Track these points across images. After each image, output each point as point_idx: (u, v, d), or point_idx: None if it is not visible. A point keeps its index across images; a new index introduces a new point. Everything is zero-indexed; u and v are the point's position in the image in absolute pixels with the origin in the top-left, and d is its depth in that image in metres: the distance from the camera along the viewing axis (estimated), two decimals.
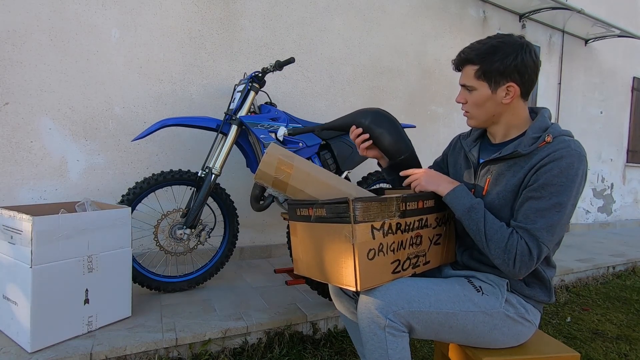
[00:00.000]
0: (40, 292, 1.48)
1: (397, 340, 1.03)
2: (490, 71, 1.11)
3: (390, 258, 1.07)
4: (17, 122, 2.24)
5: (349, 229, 1.00)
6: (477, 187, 1.21)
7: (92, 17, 2.39)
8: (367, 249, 1.02)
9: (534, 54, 1.12)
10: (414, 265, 1.14)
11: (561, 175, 1.02)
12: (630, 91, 5.88)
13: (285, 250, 3.09)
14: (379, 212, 1.04)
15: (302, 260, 1.21)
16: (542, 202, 1.03)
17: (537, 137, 1.10)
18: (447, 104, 4.03)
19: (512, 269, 1.05)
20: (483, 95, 1.14)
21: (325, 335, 1.98)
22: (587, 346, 2.09)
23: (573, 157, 1.03)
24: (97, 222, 1.66)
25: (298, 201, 1.19)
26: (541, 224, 1.03)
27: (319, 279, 1.16)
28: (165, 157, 2.64)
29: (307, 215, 1.15)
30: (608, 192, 5.74)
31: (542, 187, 1.04)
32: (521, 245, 1.03)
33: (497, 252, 1.05)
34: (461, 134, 1.39)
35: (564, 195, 1.03)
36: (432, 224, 1.19)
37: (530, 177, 1.07)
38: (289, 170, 1.19)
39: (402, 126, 1.39)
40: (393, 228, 1.07)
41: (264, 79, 2.26)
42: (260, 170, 1.19)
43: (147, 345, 1.60)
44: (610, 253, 3.93)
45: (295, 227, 1.23)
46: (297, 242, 1.23)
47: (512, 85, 1.11)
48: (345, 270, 1.04)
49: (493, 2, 4.26)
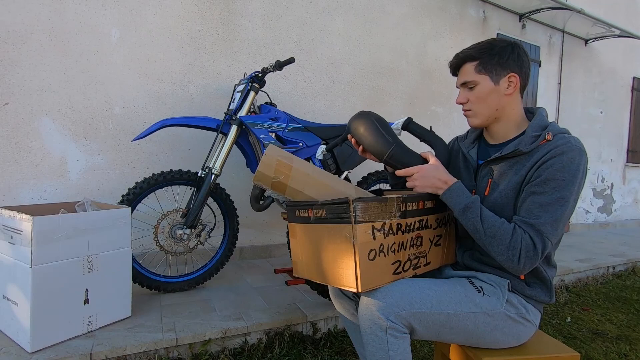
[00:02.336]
0: (40, 292, 1.48)
1: (398, 342, 1.02)
2: (490, 63, 1.14)
3: (391, 259, 1.07)
4: (17, 122, 2.24)
5: (349, 230, 1.00)
6: (478, 188, 1.21)
7: (92, 17, 2.39)
8: (368, 249, 1.01)
9: (526, 51, 1.18)
10: (415, 266, 1.14)
11: (563, 170, 1.03)
12: (630, 91, 5.89)
13: (285, 250, 3.09)
14: (379, 212, 1.03)
15: (302, 262, 1.21)
16: (545, 196, 1.04)
17: (537, 136, 1.11)
18: (447, 104, 4.03)
19: (517, 265, 1.04)
20: (486, 88, 1.15)
21: (325, 335, 1.98)
22: (587, 346, 2.09)
23: (574, 152, 1.05)
24: (97, 222, 1.65)
25: (297, 202, 1.18)
26: (545, 218, 1.03)
27: (319, 281, 1.15)
28: (165, 157, 2.64)
29: (307, 216, 1.14)
30: (608, 192, 5.74)
31: (544, 182, 1.04)
32: (525, 240, 1.02)
33: (501, 248, 1.04)
34: (458, 137, 1.39)
35: (566, 189, 1.03)
36: (433, 225, 1.19)
37: (532, 173, 1.08)
38: (288, 171, 1.18)
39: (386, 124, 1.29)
40: (394, 228, 1.07)
41: (264, 79, 2.26)
42: (259, 171, 1.18)
43: (147, 345, 1.60)
44: (610, 253, 3.93)
45: (295, 228, 1.22)
46: (297, 244, 1.22)
47: (513, 75, 1.15)
48: (345, 271, 1.03)
49: (493, 2, 4.26)
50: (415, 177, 1.15)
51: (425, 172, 1.15)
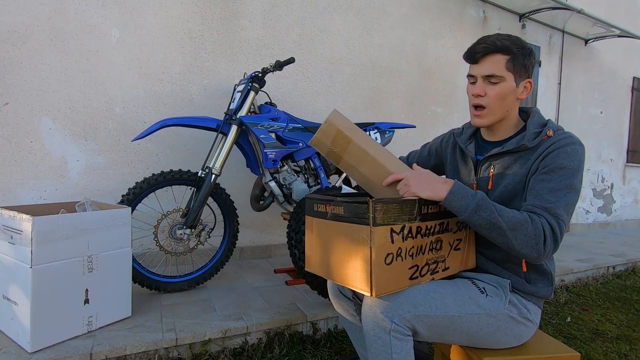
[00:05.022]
0: (40, 292, 1.48)
1: (401, 344, 1.01)
2: (520, 63, 1.12)
3: (409, 263, 1.03)
4: (17, 122, 2.24)
5: (367, 231, 0.96)
6: (480, 183, 1.21)
7: (92, 17, 2.39)
8: (385, 253, 0.97)
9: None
10: (433, 271, 1.10)
11: (569, 159, 1.05)
12: (630, 91, 5.88)
13: (285, 251, 3.09)
14: (399, 214, 0.99)
15: (315, 257, 1.17)
16: (554, 183, 1.04)
17: (538, 132, 1.13)
18: (447, 104, 4.03)
19: (542, 253, 1.00)
20: (509, 87, 1.12)
21: (325, 335, 1.98)
22: (587, 346, 2.09)
23: (576, 144, 1.08)
24: (97, 222, 1.65)
25: (316, 196, 1.15)
26: (558, 202, 1.02)
27: (331, 279, 1.12)
28: (165, 157, 2.64)
29: (324, 212, 1.10)
30: (608, 192, 5.74)
31: (552, 170, 1.05)
32: (546, 226, 1.00)
33: (525, 239, 0.99)
34: (454, 132, 1.38)
35: (573, 177, 1.05)
36: (453, 228, 1.14)
37: (538, 164, 1.09)
38: (346, 144, 1.13)
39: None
40: (413, 232, 1.03)
41: (264, 79, 2.26)
42: (317, 138, 1.14)
43: (147, 345, 1.60)
44: (610, 253, 3.93)
45: (312, 222, 1.17)
46: (312, 239, 1.18)
47: (530, 81, 1.15)
48: (360, 274, 0.99)
49: (493, 2, 4.26)
50: (408, 180, 1.06)
51: (416, 174, 1.08)
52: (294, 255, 1.90)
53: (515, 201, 1.12)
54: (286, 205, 2.36)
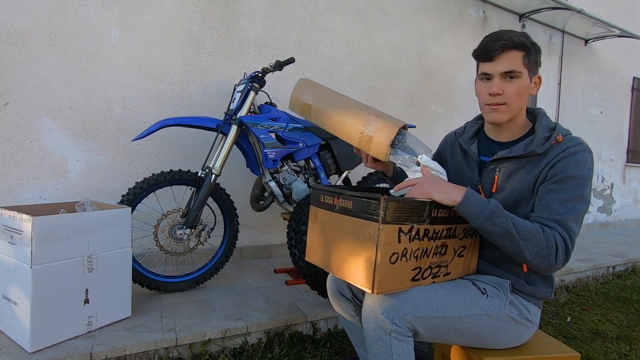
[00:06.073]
0: (40, 292, 1.48)
1: (402, 345, 1.01)
2: (533, 59, 1.12)
3: (412, 265, 1.03)
4: (17, 122, 2.24)
5: (375, 228, 0.96)
6: (484, 185, 1.20)
7: (92, 17, 2.39)
8: (391, 252, 0.97)
9: None
10: (435, 275, 1.10)
11: (579, 168, 1.04)
12: (630, 91, 5.88)
13: (285, 251, 3.09)
14: (409, 215, 0.99)
15: (317, 248, 1.16)
16: (564, 193, 1.03)
17: (547, 137, 1.11)
18: (447, 104, 4.03)
19: (554, 264, 1.00)
20: (525, 83, 1.12)
21: (325, 335, 1.98)
22: (587, 346, 2.09)
23: (586, 152, 1.07)
24: (97, 222, 1.65)
25: (324, 187, 1.15)
26: (568, 214, 1.02)
27: (331, 272, 1.11)
28: (165, 157, 2.64)
29: (332, 204, 1.10)
30: (608, 192, 5.74)
31: (562, 180, 1.04)
32: (558, 238, 1.00)
33: (537, 250, 0.99)
34: (456, 131, 1.37)
35: (583, 188, 1.04)
36: (460, 235, 1.13)
37: (547, 172, 1.07)
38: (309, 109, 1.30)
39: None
40: (420, 234, 1.03)
41: (264, 79, 2.26)
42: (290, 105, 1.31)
43: (147, 345, 1.60)
44: (610, 253, 3.93)
45: (317, 213, 1.17)
46: (315, 229, 1.17)
47: (539, 77, 1.15)
48: (363, 270, 0.99)
49: (493, 2, 4.26)
50: (422, 182, 1.06)
51: (429, 179, 1.08)
52: (294, 255, 1.90)
53: (520, 207, 1.11)
54: (286, 205, 2.36)
